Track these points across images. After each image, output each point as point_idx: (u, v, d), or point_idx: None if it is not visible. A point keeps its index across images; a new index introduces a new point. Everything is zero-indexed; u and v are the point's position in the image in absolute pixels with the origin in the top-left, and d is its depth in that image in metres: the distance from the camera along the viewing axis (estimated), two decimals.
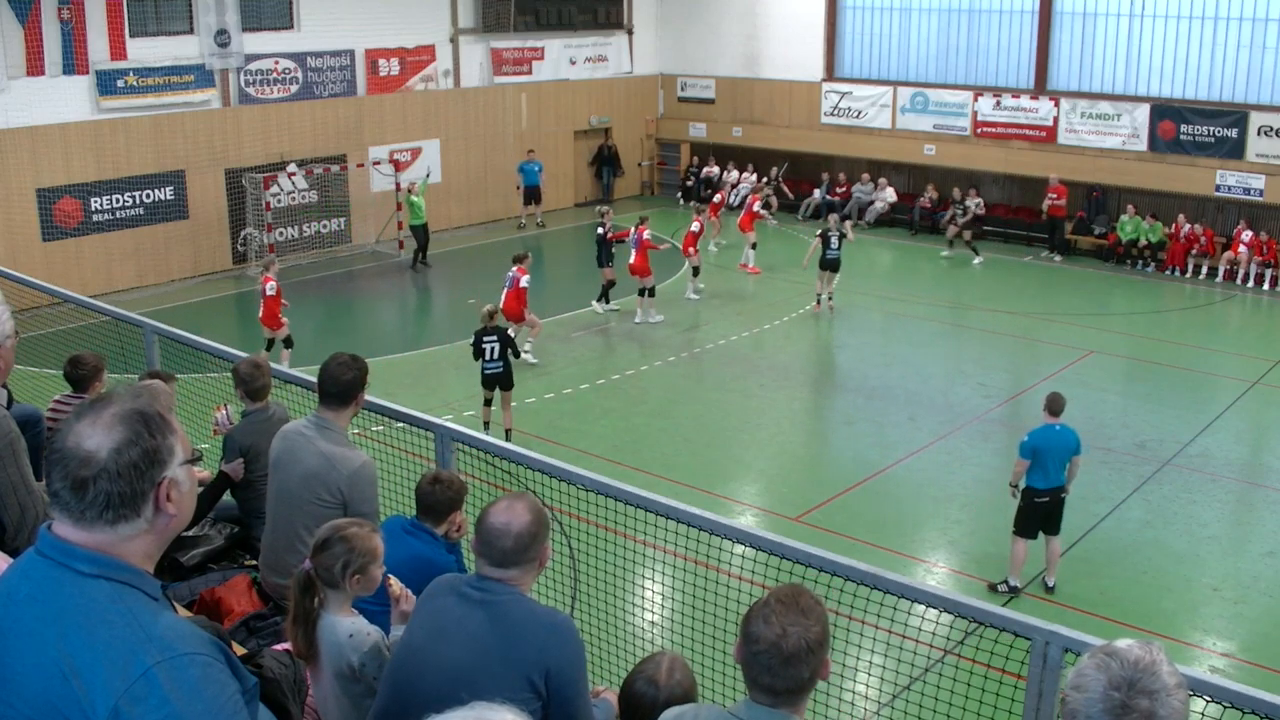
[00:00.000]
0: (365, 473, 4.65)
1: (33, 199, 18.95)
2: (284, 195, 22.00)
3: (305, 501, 4.61)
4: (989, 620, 3.51)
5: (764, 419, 14.49)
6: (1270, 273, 21.18)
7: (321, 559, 3.64)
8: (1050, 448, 9.84)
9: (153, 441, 1.99)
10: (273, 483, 4.86)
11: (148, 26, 20.12)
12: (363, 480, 4.62)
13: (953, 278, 22.20)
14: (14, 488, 3.59)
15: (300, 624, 3.60)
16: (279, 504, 4.79)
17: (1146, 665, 1.93)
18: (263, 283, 14.93)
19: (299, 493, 4.63)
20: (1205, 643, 9.47)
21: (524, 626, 3.18)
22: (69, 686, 1.87)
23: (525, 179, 25.18)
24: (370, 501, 4.66)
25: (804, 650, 2.53)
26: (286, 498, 4.72)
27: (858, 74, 26.74)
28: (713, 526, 4.31)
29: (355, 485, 4.59)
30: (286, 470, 4.72)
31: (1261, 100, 21.62)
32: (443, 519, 4.64)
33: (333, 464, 4.59)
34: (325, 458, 4.60)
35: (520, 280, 15.48)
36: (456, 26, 25.04)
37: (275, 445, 4.85)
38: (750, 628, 2.58)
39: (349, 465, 4.61)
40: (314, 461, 4.61)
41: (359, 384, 4.70)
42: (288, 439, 4.78)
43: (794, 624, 2.54)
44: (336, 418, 4.71)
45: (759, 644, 2.54)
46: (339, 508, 4.53)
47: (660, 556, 8.45)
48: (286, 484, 4.72)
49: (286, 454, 4.74)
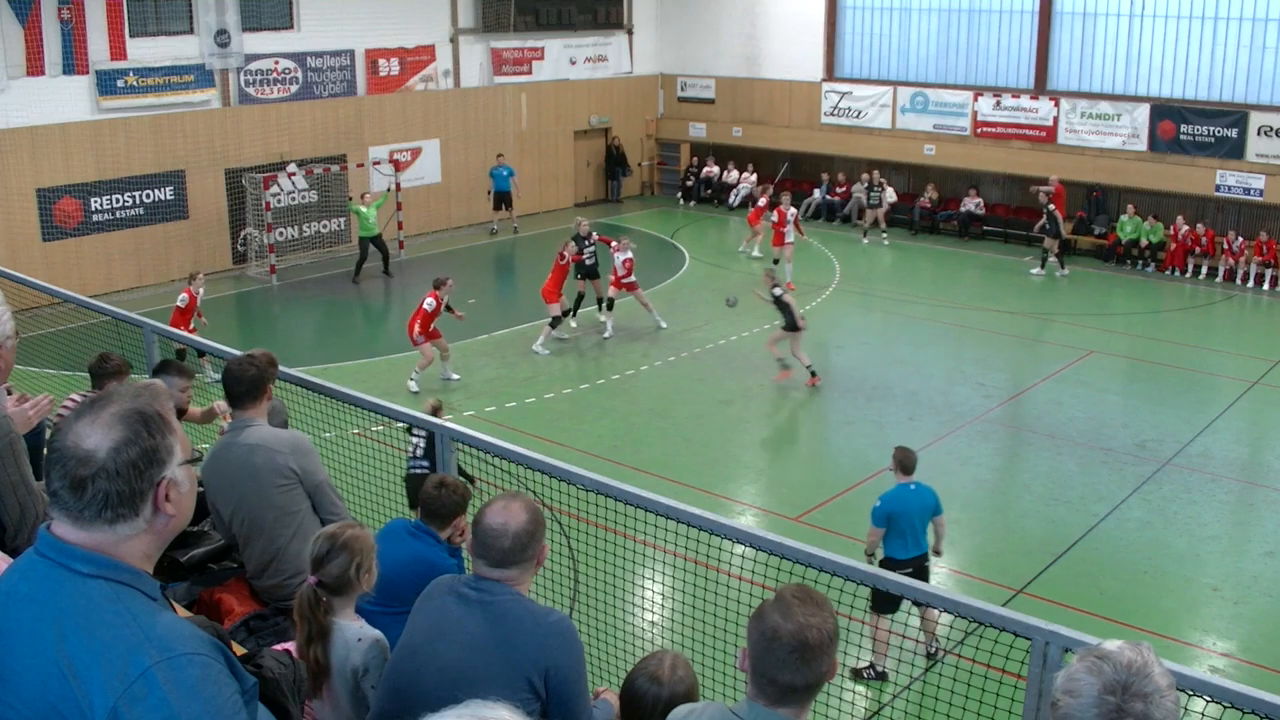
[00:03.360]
0: (302, 445, 4.76)
1: (33, 199, 18.95)
2: (284, 195, 22.00)
3: (265, 495, 4.62)
4: (989, 620, 3.51)
5: (764, 419, 14.49)
6: (1270, 273, 21.18)
7: (329, 569, 3.64)
8: (906, 511, 8.60)
9: (152, 441, 1.99)
10: (226, 504, 4.77)
11: (148, 26, 20.12)
12: (303, 452, 4.72)
13: (953, 278, 22.20)
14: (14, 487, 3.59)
15: (317, 641, 3.61)
16: (242, 519, 4.71)
17: (1139, 668, 1.91)
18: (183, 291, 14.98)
19: (255, 491, 4.63)
20: (1205, 643, 9.47)
21: (523, 626, 3.18)
22: (68, 687, 1.87)
23: (495, 184, 24.82)
24: (320, 469, 4.78)
25: (826, 642, 2.52)
26: (246, 507, 4.68)
27: (858, 74, 26.74)
28: (713, 526, 4.31)
29: (300, 458, 4.68)
30: (233, 483, 4.69)
31: (1261, 100, 21.62)
32: (447, 523, 4.65)
33: (272, 449, 4.65)
34: (263, 449, 4.65)
35: (424, 303, 15.10)
36: (456, 26, 25.04)
37: (206, 468, 4.78)
38: (767, 624, 2.53)
39: (287, 444, 4.71)
40: (255, 457, 4.64)
41: (264, 378, 4.79)
42: (217, 457, 4.77)
43: (813, 615, 2.52)
44: (255, 414, 4.80)
45: (780, 639, 2.50)
46: (296, 484, 4.64)
47: (660, 556, 8.45)
48: (239, 493, 4.68)
49: (223, 470, 4.72)
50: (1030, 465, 13.31)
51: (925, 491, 8.79)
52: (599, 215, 25.84)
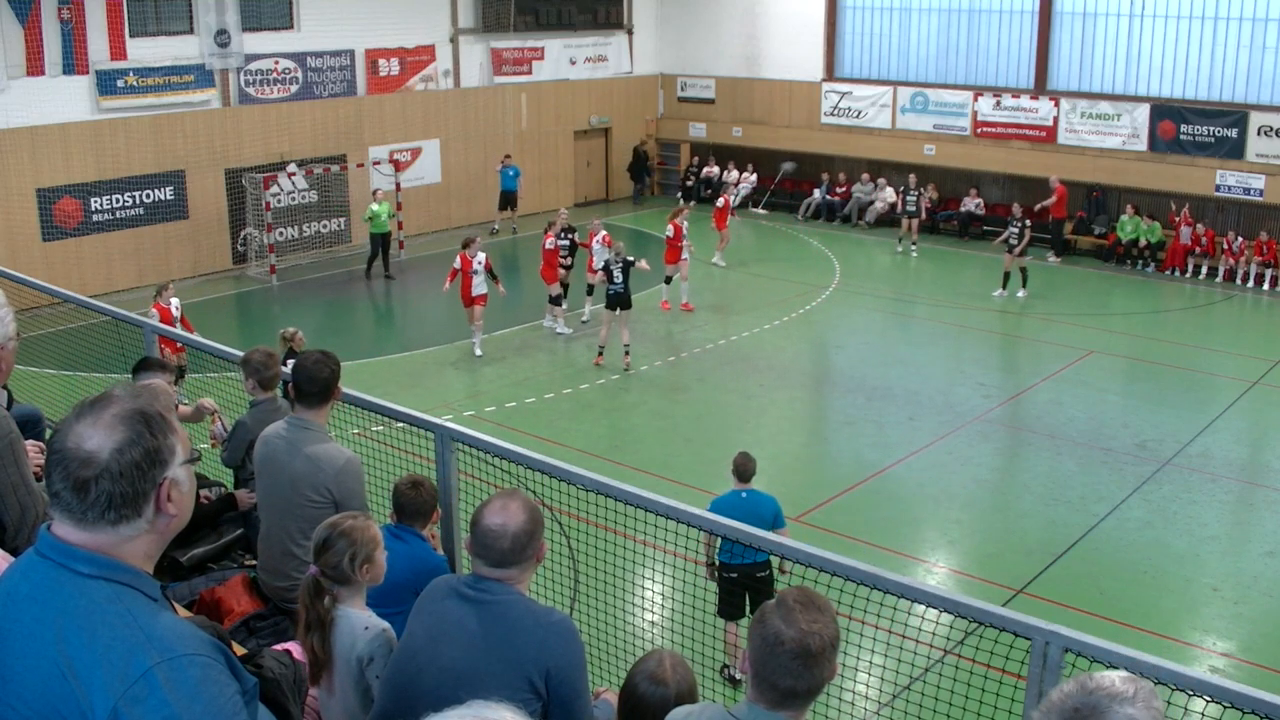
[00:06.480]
0: (351, 469, 4.65)
1: (33, 199, 18.95)
2: (284, 195, 22.00)
3: (295, 505, 4.61)
4: (989, 620, 3.50)
5: (764, 419, 14.49)
6: (1270, 273, 21.18)
7: (327, 558, 3.66)
8: (735, 519, 8.53)
9: (154, 441, 1.98)
10: (260, 488, 4.87)
11: (148, 26, 20.12)
12: (349, 477, 4.63)
13: (953, 278, 22.19)
14: (14, 488, 3.58)
15: (315, 629, 3.61)
16: (268, 510, 4.79)
17: (1113, 695, 1.76)
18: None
19: (289, 497, 4.63)
20: (1205, 643, 9.47)
21: (523, 626, 3.18)
22: (68, 687, 1.87)
23: (501, 183, 24.91)
24: (359, 496, 4.68)
25: (828, 648, 2.51)
26: (276, 502, 4.71)
27: (858, 74, 26.74)
28: (712, 526, 4.31)
29: (342, 483, 4.59)
30: (272, 475, 4.71)
31: (1261, 100, 21.62)
32: (426, 520, 4.72)
33: (318, 465, 4.58)
34: (310, 459, 4.59)
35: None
36: (456, 26, 25.03)
37: (258, 450, 4.83)
38: (768, 629, 2.52)
39: (334, 464, 4.60)
40: (299, 464, 4.59)
41: (335, 380, 4.71)
42: (269, 444, 4.75)
43: (815, 621, 2.51)
44: (315, 416, 4.70)
45: (782, 645, 2.49)
46: (330, 506, 4.53)
47: (660, 556, 8.45)
48: (274, 489, 4.71)
49: (269, 459, 4.72)
50: (1030, 465, 13.31)
51: (760, 501, 8.44)
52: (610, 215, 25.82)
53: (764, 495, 8.56)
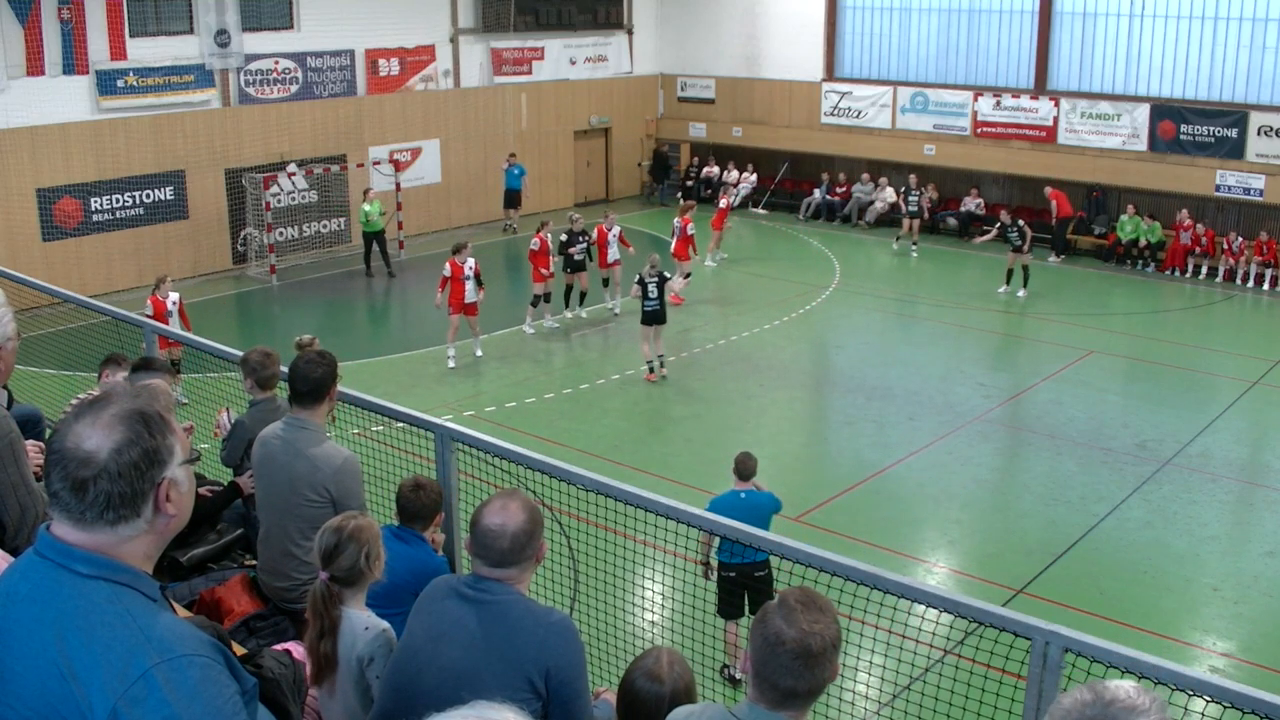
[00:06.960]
0: (349, 468, 4.65)
1: (33, 199, 18.95)
2: (284, 195, 21.99)
3: (294, 505, 4.61)
4: (989, 620, 3.50)
5: (764, 419, 14.48)
6: (1270, 273, 21.18)
7: (340, 562, 3.67)
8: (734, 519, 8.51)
9: (153, 441, 1.98)
10: (259, 489, 4.87)
11: (148, 26, 20.12)
12: (347, 476, 4.63)
13: (953, 278, 22.20)
14: (14, 488, 3.58)
15: (329, 636, 3.61)
16: (267, 510, 4.78)
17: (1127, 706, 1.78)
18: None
19: (288, 497, 4.63)
20: (1205, 643, 9.47)
21: (523, 626, 3.18)
22: (67, 688, 1.87)
23: (505, 182, 24.95)
24: (357, 496, 4.68)
25: (829, 649, 2.50)
26: (275, 503, 4.71)
27: (858, 74, 26.74)
28: (712, 526, 4.31)
29: (341, 482, 4.59)
30: (270, 476, 4.71)
31: (1261, 100, 21.62)
32: (428, 523, 4.72)
33: (315, 465, 4.58)
34: (308, 459, 4.59)
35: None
36: (456, 26, 25.03)
37: (256, 451, 4.82)
38: (769, 629, 2.51)
39: (332, 463, 4.60)
40: (298, 465, 4.59)
41: (330, 379, 4.69)
42: (267, 444, 4.75)
43: (817, 621, 2.50)
44: (312, 416, 4.69)
45: (783, 645, 2.48)
46: (328, 505, 4.53)
47: (660, 556, 8.45)
48: (272, 489, 4.71)
49: (267, 459, 4.72)
50: (1030, 465, 13.31)
51: (759, 500, 8.47)
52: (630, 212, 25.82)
53: (762, 494, 8.59)
